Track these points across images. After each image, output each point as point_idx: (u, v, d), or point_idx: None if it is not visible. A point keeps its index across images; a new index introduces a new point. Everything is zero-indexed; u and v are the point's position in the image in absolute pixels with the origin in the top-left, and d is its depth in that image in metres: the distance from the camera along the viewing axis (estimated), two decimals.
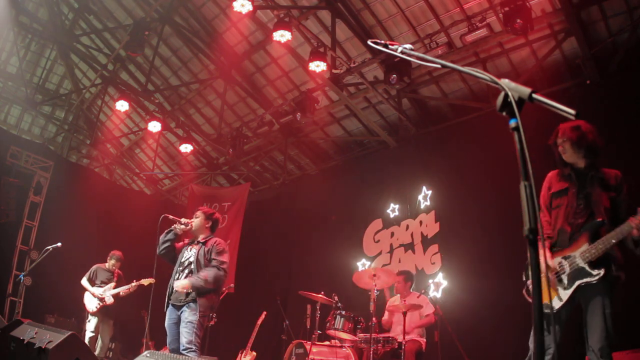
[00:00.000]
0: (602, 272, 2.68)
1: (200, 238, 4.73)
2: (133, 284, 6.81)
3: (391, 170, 8.10)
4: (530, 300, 2.97)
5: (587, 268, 2.71)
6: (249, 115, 9.85)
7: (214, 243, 4.69)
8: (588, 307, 2.75)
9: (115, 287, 6.88)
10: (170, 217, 4.67)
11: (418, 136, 7.97)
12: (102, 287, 6.91)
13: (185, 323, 4.37)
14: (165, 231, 4.70)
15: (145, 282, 6.74)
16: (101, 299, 6.79)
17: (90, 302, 6.86)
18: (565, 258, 2.84)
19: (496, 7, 6.08)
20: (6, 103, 11.45)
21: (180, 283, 4.37)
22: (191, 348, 4.27)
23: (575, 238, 2.88)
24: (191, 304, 4.41)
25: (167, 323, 4.55)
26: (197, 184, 11.11)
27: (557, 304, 2.77)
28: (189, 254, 4.65)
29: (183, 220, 4.69)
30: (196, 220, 4.76)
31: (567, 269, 2.80)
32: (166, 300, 4.59)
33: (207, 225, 4.79)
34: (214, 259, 4.56)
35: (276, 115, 8.75)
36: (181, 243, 4.82)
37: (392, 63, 6.60)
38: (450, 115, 7.91)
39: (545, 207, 3.15)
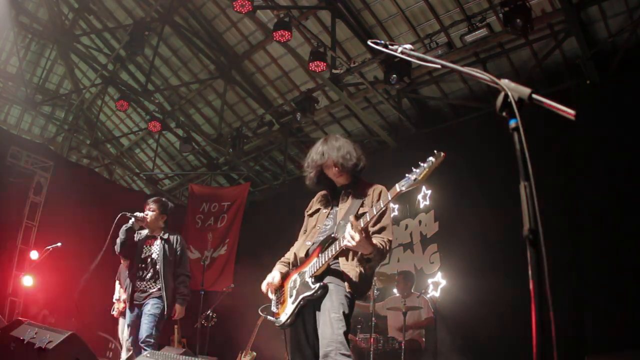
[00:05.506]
0: (317, 286, 2.61)
1: (160, 233, 4.72)
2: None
3: (391, 170, 8.07)
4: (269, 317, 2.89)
5: (310, 283, 2.66)
6: (249, 115, 9.85)
7: (178, 241, 4.73)
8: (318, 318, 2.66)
9: None
10: (128, 214, 4.64)
11: (418, 136, 7.96)
12: None
13: (147, 315, 4.33)
14: (124, 228, 4.61)
15: None
16: None
17: None
18: (299, 274, 2.79)
19: (496, 7, 6.07)
20: (6, 103, 11.44)
21: (178, 313, 4.56)
22: (150, 342, 4.23)
23: (310, 252, 2.83)
24: (156, 298, 4.41)
25: (129, 321, 4.47)
26: (197, 184, 11.12)
27: (283, 318, 2.74)
28: (150, 250, 4.61)
29: (139, 215, 4.66)
30: (151, 213, 4.73)
31: (298, 284, 2.76)
32: (129, 299, 4.50)
33: (162, 218, 4.80)
34: (181, 267, 4.65)
35: (276, 115, 8.75)
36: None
37: (392, 63, 6.60)
38: (450, 115, 7.91)
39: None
